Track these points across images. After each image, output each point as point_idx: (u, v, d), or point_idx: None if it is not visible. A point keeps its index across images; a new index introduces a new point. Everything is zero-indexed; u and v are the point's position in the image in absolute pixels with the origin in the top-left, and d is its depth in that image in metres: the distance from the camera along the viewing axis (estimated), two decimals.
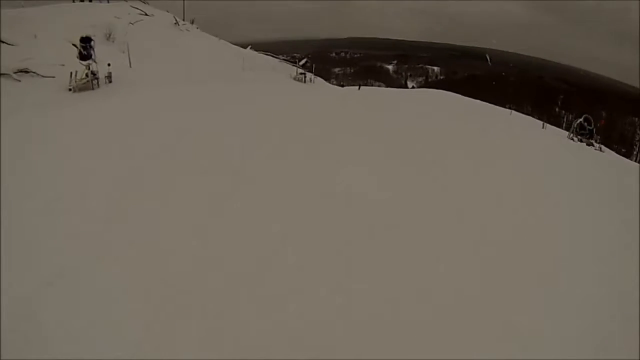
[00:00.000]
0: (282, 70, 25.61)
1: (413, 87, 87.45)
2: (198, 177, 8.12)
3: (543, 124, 25.48)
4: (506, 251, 6.73)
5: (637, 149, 56.86)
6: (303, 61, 27.91)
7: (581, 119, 20.05)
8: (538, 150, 14.15)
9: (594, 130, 20.03)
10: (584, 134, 19.79)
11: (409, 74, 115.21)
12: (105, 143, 9.26)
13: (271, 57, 28.55)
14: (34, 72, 14.39)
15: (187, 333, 4.75)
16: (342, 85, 42.89)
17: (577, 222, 8.12)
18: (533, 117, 37.91)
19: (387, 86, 78.28)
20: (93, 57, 14.48)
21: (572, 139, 19.74)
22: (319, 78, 28.58)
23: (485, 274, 6.13)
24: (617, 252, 7.11)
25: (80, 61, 14.31)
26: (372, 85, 73.69)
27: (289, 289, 5.52)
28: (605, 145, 22.21)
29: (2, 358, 4.25)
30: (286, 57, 30.69)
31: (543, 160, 12.75)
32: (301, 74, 25.38)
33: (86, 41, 14.47)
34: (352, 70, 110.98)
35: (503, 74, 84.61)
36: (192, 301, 5.19)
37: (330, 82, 45.24)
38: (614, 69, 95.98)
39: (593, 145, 19.49)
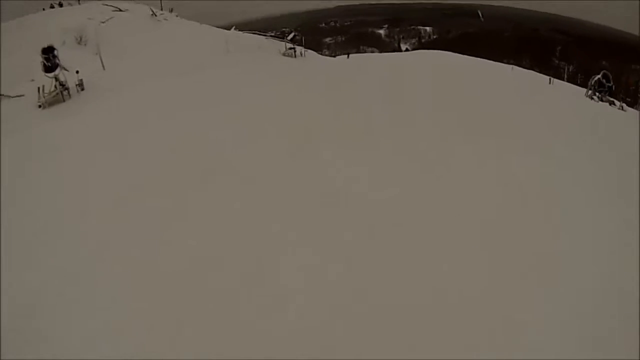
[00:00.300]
0: (270, 47, 24.71)
1: (407, 50, 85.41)
2: (196, 179, 8.02)
3: (550, 79, 24.40)
4: (510, 249, 6.51)
5: None
6: (291, 35, 27.05)
7: (599, 75, 18.86)
8: (554, 121, 12.87)
9: (613, 86, 18.91)
10: (602, 91, 18.63)
11: (401, 36, 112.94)
12: (87, 155, 8.94)
13: (257, 35, 27.47)
14: (1, 94, 13.33)
15: (187, 333, 4.78)
16: (334, 56, 42.21)
17: (592, 220, 7.47)
18: (533, 70, 36.96)
19: (380, 51, 76.86)
20: (60, 67, 13.35)
21: (592, 98, 18.53)
22: (309, 51, 27.80)
23: (488, 273, 5.99)
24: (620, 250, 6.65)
25: (46, 74, 13.20)
26: (365, 52, 72.28)
27: (289, 289, 5.50)
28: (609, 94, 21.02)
29: (2, 358, 4.32)
30: (275, 32, 29.53)
31: (561, 135, 11.47)
32: (290, 49, 24.62)
33: (48, 52, 13.25)
34: (343, 39, 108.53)
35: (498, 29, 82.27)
36: (192, 301, 5.20)
37: (322, 53, 44.39)
38: (611, 18, 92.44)
39: (614, 104, 18.37)
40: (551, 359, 4.70)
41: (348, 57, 35.33)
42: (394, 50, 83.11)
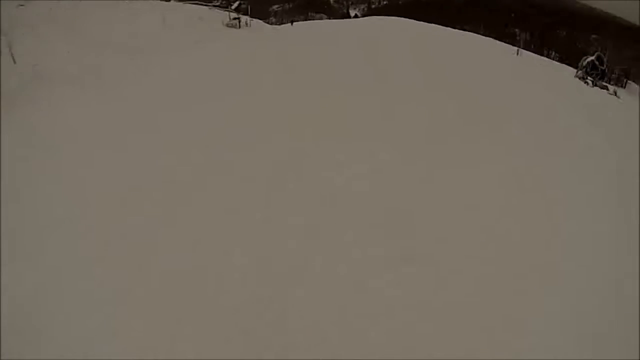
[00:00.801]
0: (213, 18, 22.31)
1: (356, 16, 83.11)
2: (193, 179, 7.74)
3: (517, 51, 22.98)
4: (509, 250, 6.59)
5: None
6: (236, 4, 24.97)
7: (592, 57, 17.58)
8: (549, 108, 12.20)
9: (607, 70, 17.59)
10: (596, 75, 17.20)
11: (350, 2, 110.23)
12: None
13: (199, 5, 24.86)
14: None
15: (185, 333, 4.77)
16: (280, 24, 40.91)
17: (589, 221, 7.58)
18: (491, 38, 35.84)
19: (329, 17, 74.64)
20: None
21: (586, 81, 17.05)
22: (255, 20, 25.78)
23: (488, 273, 6.02)
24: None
25: None
26: (313, 19, 69.81)
27: (289, 291, 5.45)
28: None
29: (2, 358, 4.35)
30: (219, 1, 27.04)
31: (560, 127, 11.11)
32: (234, 19, 22.85)
33: None
34: (290, 6, 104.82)
35: None
36: (193, 301, 5.18)
37: (269, 22, 42.21)
38: None
39: (607, 89, 17.08)
40: (551, 359, 4.78)
41: (292, 24, 34.18)
42: (343, 17, 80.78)
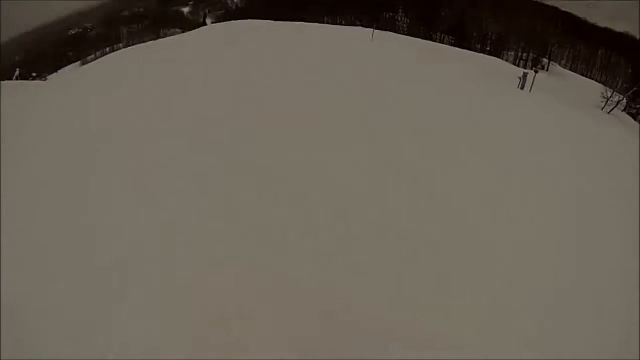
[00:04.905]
0: None
1: (212, 23, 77.37)
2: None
3: (372, 34, 20.22)
4: (509, 251, 6.95)
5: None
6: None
7: None
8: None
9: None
10: None
11: (207, 10, 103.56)
12: None
13: None
14: None
15: (184, 335, 4.88)
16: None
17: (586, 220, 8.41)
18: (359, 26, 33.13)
19: (183, 31, 69.06)
20: None
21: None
22: None
23: (489, 273, 6.35)
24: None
25: None
26: (166, 36, 63.47)
27: (292, 295, 5.65)
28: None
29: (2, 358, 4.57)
30: None
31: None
32: None
33: None
34: (141, 26, 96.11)
35: None
36: (191, 303, 5.26)
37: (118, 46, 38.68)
38: None
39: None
40: (552, 359, 5.12)
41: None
42: (199, 26, 75.40)
